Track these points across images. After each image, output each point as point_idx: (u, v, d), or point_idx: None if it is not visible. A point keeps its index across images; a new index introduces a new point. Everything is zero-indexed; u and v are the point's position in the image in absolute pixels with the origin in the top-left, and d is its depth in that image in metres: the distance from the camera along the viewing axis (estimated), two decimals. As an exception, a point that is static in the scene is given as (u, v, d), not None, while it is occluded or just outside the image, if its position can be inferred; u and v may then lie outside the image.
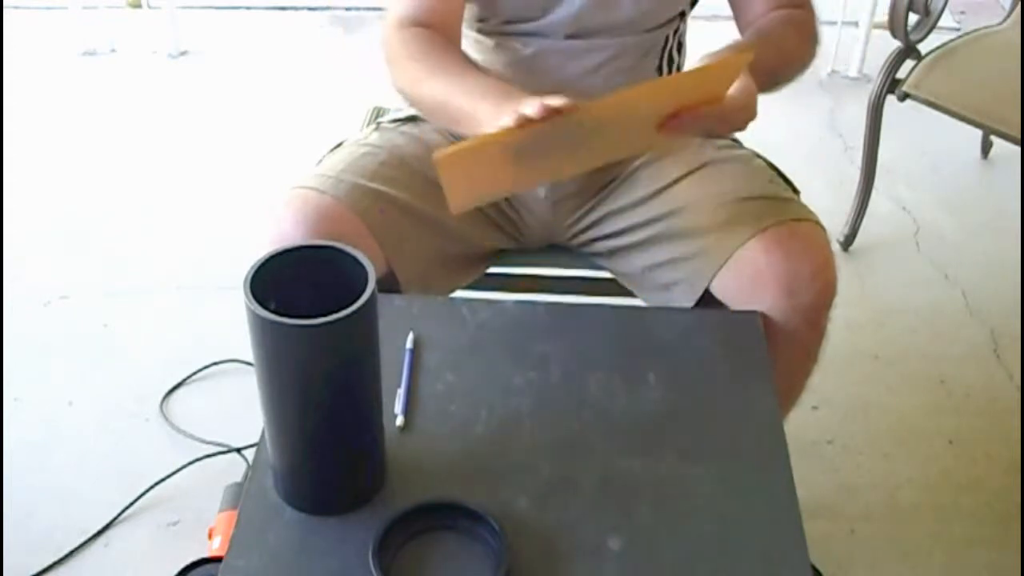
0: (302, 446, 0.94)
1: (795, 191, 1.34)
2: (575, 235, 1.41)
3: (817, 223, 1.26)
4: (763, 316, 1.19)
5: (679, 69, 1.40)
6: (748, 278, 1.21)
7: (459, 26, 1.30)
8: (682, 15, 1.34)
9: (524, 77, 1.30)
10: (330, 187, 1.24)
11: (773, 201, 1.27)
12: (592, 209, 1.39)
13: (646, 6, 1.28)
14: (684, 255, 1.27)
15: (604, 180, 1.38)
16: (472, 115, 1.12)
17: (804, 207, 1.28)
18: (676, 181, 1.32)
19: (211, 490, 1.60)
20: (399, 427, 1.04)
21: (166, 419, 1.81)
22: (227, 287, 2.07)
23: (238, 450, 1.73)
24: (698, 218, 1.27)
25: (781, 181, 1.34)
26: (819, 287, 1.21)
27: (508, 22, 1.28)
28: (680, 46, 1.38)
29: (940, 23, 2.14)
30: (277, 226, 1.21)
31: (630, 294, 1.39)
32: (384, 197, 1.26)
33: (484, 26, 1.30)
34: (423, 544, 0.93)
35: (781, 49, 1.25)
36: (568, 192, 1.38)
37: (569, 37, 1.28)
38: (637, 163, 1.37)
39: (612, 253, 1.37)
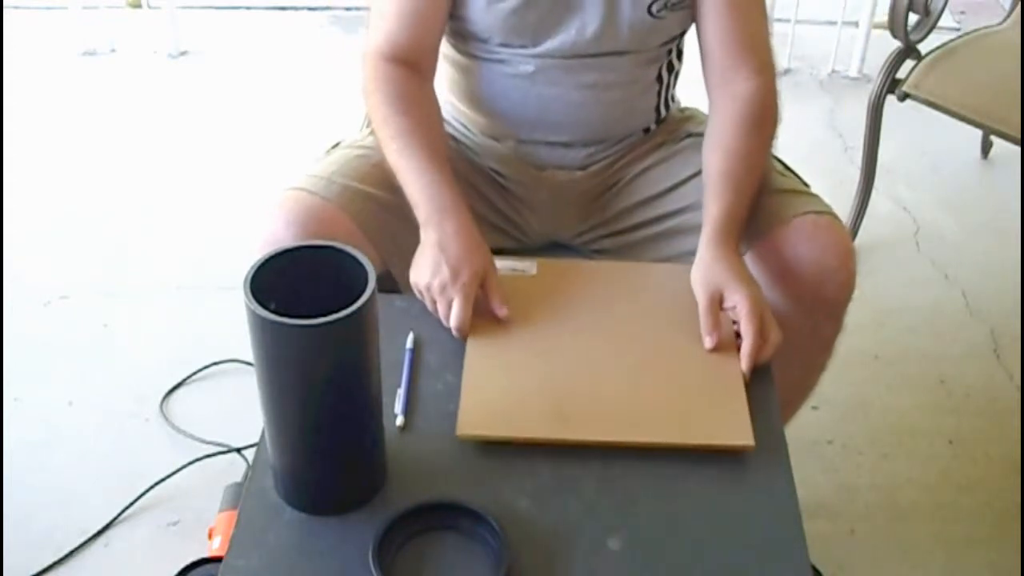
0: (302, 446, 0.94)
1: (805, 185, 1.34)
2: (580, 233, 1.41)
3: (835, 216, 1.26)
4: (784, 309, 1.19)
5: (676, 77, 1.40)
6: (771, 272, 1.21)
7: (434, 60, 1.32)
8: (683, 32, 1.34)
9: (525, 89, 1.30)
10: (322, 188, 1.24)
11: (791, 195, 1.28)
12: (598, 209, 1.39)
13: (641, 35, 1.27)
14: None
15: (608, 183, 1.38)
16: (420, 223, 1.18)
17: (821, 200, 1.29)
18: (688, 179, 1.33)
19: (211, 490, 1.60)
20: (399, 427, 1.04)
21: (166, 419, 1.81)
22: (227, 287, 2.06)
23: (238, 450, 1.73)
24: None
25: (793, 176, 1.34)
26: (842, 279, 1.22)
27: (504, 45, 1.28)
28: (680, 53, 1.38)
29: (940, 23, 2.14)
30: (268, 227, 1.21)
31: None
32: (377, 199, 1.26)
33: (482, 47, 1.30)
34: (423, 544, 0.93)
35: (749, 177, 1.23)
36: (572, 194, 1.38)
37: (567, 58, 1.28)
38: (643, 165, 1.37)
39: (620, 250, 1.37)
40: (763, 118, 1.27)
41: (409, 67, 1.28)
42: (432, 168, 1.20)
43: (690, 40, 1.36)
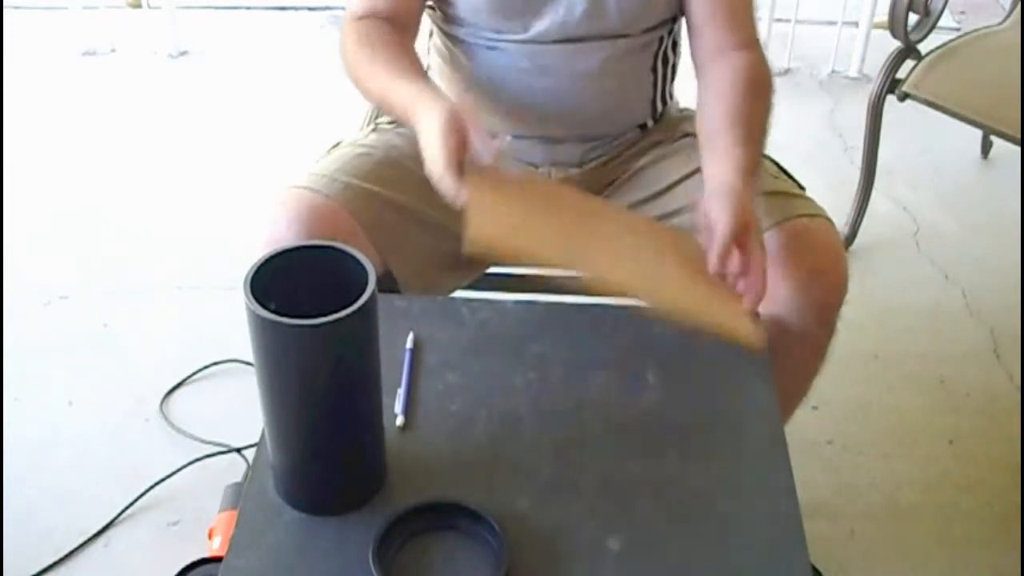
0: (302, 446, 0.94)
1: (801, 188, 1.34)
2: None
3: (828, 219, 1.26)
4: (775, 313, 1.19)
5: (673, 69, 1.40)
6: None
7: (416, 20, 1.31)
8: (674, 18, 1.34)
9: (516, 79, 1.30)
10: (324, 186, 1.24)
11: (783, 197, 1.27)
12: None
13: (631, 16, 1.28)
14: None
15: (604, 181, 1.38)
16: (409, 123, 1.15)
17: (814, 203, 1.28)
18: (681, 180, 1.33)
19: (211, 490, 1.60)
20: (399, 427, 1.04)
21: (166, 419, 1.81)
22: (227, 287, 2.06)
23: (238, 450, 1.73)
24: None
25: (787, 178, 1.34)
26: (832, 284, 1.22)
27: (495, 31, 1.29)
28: (675, 45, 1.38)
29: (940, 23, 2.14)
30: (270, 225, 1.21)
31: (630, 294, 1.39)
32: (379, 197, 1.26)
33: (472, 32, 1.31)
34: (423, 544, 0.93)
35: (759, 136, 1.22)
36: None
37: (558, 43, 1.28)
38: (638, 164, 1.37)
39: None
40: (761, 86, 1.26)
41: (388, 22, 1.28)
42: (401, 73, 1.19)
43: (686, 36, 1.37)
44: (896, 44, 2.12)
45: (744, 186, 1.11)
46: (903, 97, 2.09)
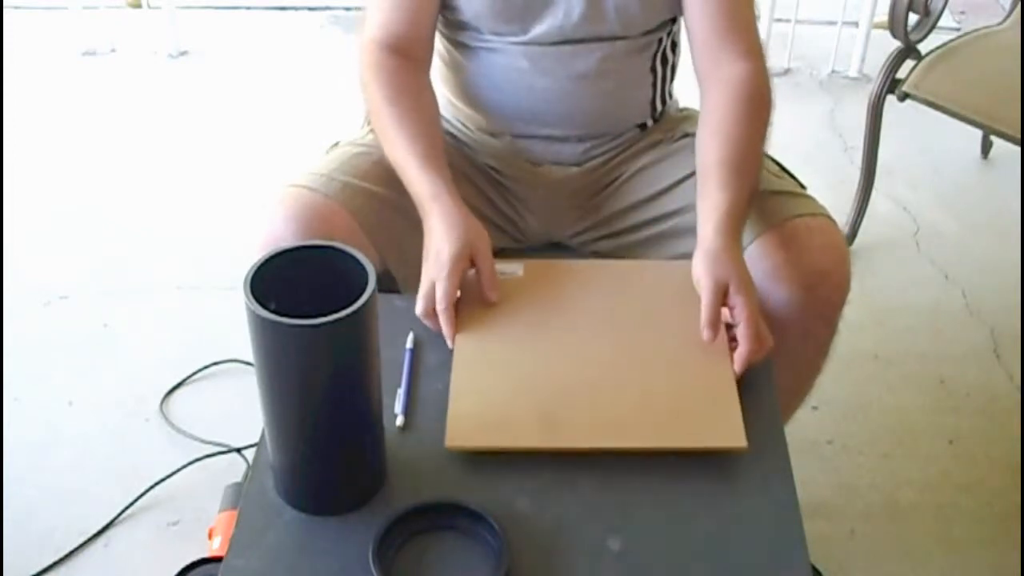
0: (302, 446, 0.94)
1: (802, 187, 1.34)
2: (577, 234, 1.41)
3: (830, 218, 1.26)
4: (778, 312, 1.18)
5: (673, 69, 1.40)
6: (764, 273, 1.20)
7: (429, 49, 1.32)
8: (674, 20, 1.34)
9: (516, 80, 1.31)
10: (322, 185, 1.24)
11: (786, 196, 1.27)
12: (595, 208, 1.39)
13: (629, 19, 1.27)
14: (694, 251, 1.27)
15: (604, 180, 1.38)
16: (420, 214, 1.19)
17: (816, 202, 1.28)
18: (684, 179, 1.33)
19: (211, 490, 1.60)
20: (399, 427, 1.04)
21: (166, 419, 1.81)
22: (227, 287, 2.07)
23: (238, 450, 1.73)
24: None
25: (788, 177, 1.34)
26: (836, 283, 1.22)
27: (495, 34, 1.29)
28: (674, 45, 1.38)
29: (940, 23, 2.14)
30: (268, 224, 1.21)
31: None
32: (378, 197, 1.26)
33: (474, 36, 1.31)
34: (423, 544, 0.93)
35: (751, 168, 1.21)
36: (568, 191, 1.38)
37: (556, 44, 1.28)
38: (639, 164, 1.37)
39: (617, 252, 1.37)
40: (758, 102, 1.25)
41: (404, 56, 1.28)
42: (424, 157, 1.20)
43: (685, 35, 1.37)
44: (896, 44, 2.12)
45: (725, 243, 1.11)
46: (903, 97, 2.09)
